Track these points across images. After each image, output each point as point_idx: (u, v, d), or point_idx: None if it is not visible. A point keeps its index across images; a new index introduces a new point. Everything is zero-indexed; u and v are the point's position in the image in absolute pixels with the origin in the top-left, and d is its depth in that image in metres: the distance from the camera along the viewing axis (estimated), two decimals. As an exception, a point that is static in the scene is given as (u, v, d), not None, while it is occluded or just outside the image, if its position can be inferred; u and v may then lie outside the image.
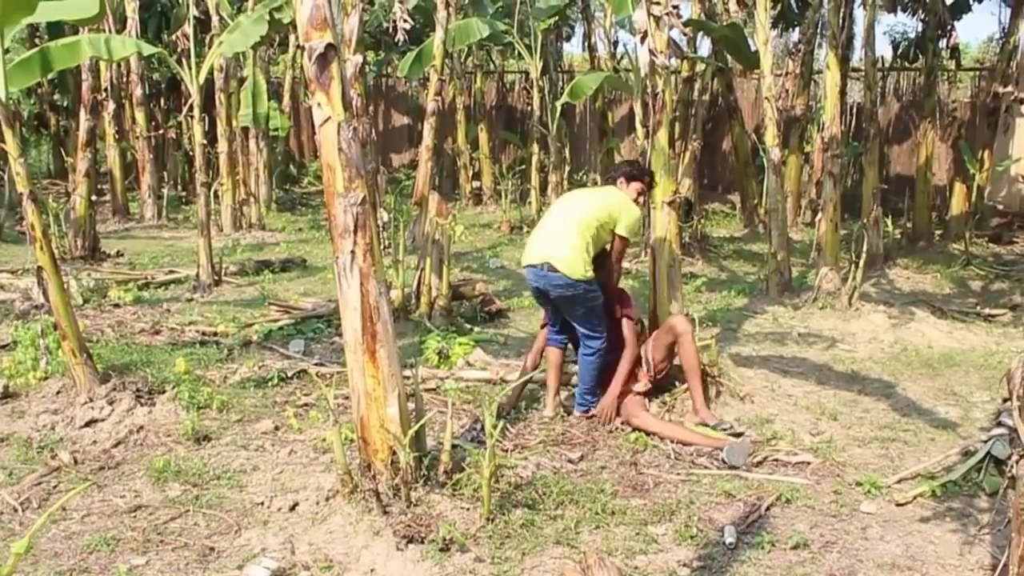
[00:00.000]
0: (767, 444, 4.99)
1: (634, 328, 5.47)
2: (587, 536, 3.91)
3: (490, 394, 5.44)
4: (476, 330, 7.27)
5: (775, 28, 13.70)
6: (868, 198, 10.26)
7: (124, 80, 14.73)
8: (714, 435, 4.98)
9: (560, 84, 15.34)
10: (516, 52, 15.31)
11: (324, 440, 4.78)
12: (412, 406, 4.21)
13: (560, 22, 15.52)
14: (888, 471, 4.68)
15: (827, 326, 7.71)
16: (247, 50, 11.56)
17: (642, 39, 5.68)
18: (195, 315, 7.79)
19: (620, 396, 5.30)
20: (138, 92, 14.21)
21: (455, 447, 4.29)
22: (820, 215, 8.84)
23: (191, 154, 13.61)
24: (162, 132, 15.94)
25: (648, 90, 5.87)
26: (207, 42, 12.24)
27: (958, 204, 12.28)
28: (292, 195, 16.95)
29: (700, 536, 3.93)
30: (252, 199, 13.55)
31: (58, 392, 5.38)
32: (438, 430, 4.76)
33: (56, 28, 11.79)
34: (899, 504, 4.31)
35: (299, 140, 19.62)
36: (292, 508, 4.10)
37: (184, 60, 9.71)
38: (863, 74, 10.82)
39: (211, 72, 11.18)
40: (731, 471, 4.62)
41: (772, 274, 8.97)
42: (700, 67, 12.30)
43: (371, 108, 18.12)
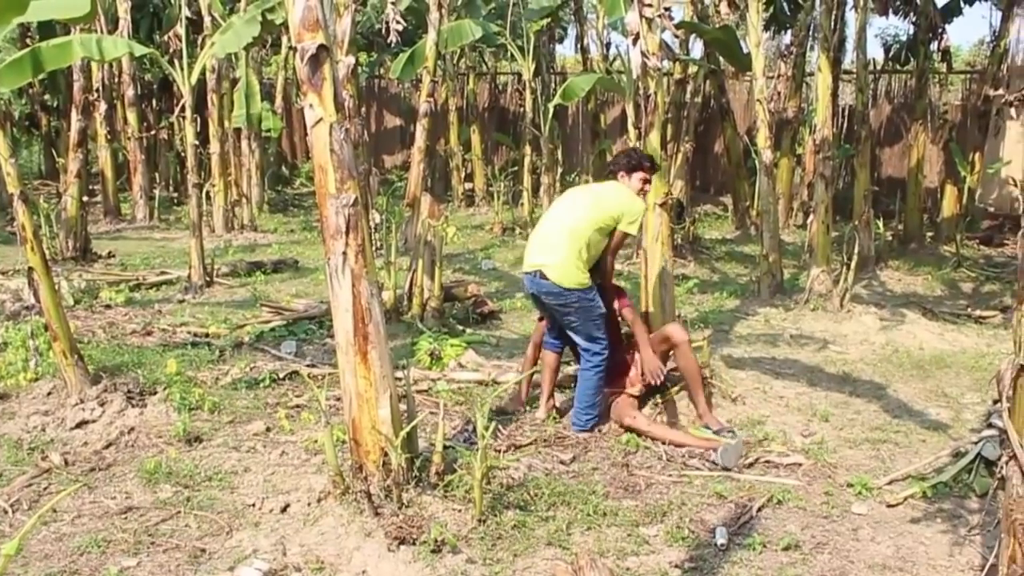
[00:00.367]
0: (759, 445, 5.01)
1: (635, 310, 5.38)
2: (579, 537, 3.91)
3: (482, 396, 5.43)
4: (468, 332, 7.27)
5: (767, 30, 13.73)
6: (859, 200, 10.28)
7: (116, 81, 14.70)
8: (706, 436, 4.99)
9: (553, 86, 15.35)
10: (509, 54, 15.30)
11: (316, 441, 4.77)
12: (404, 407, 4.20)
13: (552, 24, 15.50)
14: (879, 472, 4.70)
15: (818, 328, 7.74)
16: (239, 51, 11.57)
17: (634, 41, 5.70)
18: (187, 316, 7.77)
19: (613, 396, 5.31)
20: (130, 93, 14.20)
21: (447, 448, 4.29)
22: (812, 217, 8.85)
23: (183, 155, 13.56)
24: (154, 133, 15.88)
25: (640, 92, 5.85)
26: (199, 43, 12.17)
27: (949, 206, 12.34)
28: (284, 196, 16.89)
29: (691, 537, 3.94)
30: (244, 200, 13.52)
31: (49, 393, 5.35)
32: (430, 431, 4.75)
33: (47, 28, 11.72)
34: (890, 505, 4.32)
35: (291, 141, 19.57)
36: (284, 509, 4.09)
37: (176, 61, 9.68)
38: (855, 76, 10.84)
39: (203, 73, 11.15)
40: (723, 472, 4.63)
41: (764, 276, 8.99)
42: (692, 69, 12.32)
43: (363, 109, 18.09)
